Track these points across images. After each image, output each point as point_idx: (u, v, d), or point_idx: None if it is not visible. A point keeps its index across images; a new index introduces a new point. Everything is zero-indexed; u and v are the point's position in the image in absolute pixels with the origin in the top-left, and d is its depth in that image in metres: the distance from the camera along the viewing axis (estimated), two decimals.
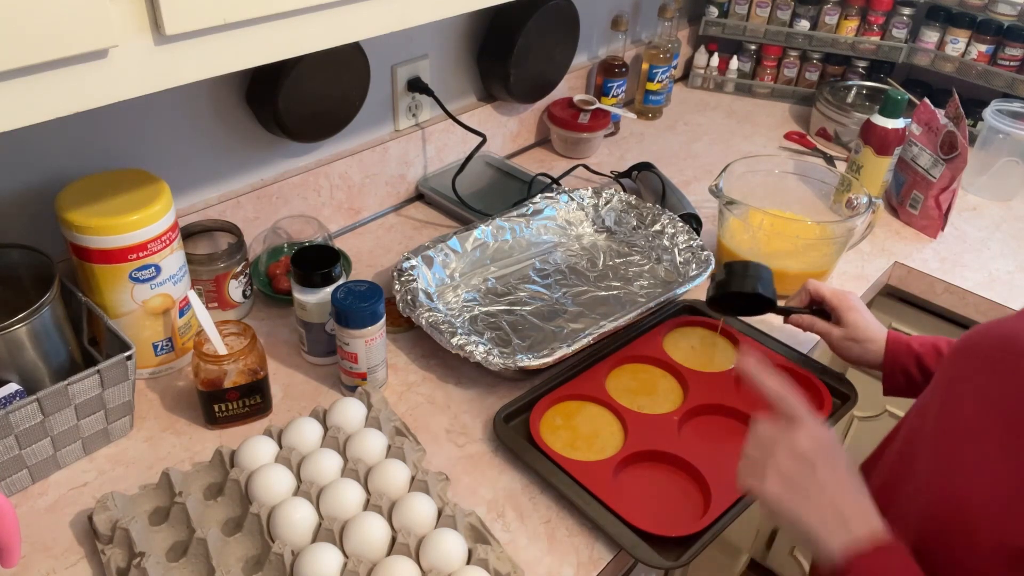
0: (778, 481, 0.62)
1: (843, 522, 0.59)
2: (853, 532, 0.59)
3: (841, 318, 0.94)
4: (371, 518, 0.76)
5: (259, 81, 1.05)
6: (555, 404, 0.94)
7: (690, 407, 0.95)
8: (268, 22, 0.64)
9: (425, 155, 1.35)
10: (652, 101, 1.68)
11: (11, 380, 0.80)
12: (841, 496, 0.61)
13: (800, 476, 0.62)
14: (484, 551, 0.75)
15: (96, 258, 0.85)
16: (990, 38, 1.55)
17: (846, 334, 0.93)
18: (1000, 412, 0.60)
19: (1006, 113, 1.42)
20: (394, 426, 0.90)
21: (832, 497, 0.61)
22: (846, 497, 0.61)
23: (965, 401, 0.64)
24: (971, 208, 1.44)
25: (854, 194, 1.21)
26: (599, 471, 0.85)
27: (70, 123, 0.92)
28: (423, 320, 0.97)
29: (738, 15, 1.75)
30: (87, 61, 0.55)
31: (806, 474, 0.62)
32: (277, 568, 0.73)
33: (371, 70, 1.16)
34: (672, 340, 1.06)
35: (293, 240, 1.13)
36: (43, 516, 0.81)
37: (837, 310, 0.94)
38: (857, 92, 1.68)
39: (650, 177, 1.36)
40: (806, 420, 0.64)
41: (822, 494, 0.61)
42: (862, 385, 1.02)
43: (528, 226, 1.21)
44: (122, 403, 0.86)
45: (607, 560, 0.79)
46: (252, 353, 0.89)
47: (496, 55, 1.35)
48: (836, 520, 0.60)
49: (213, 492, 0.82)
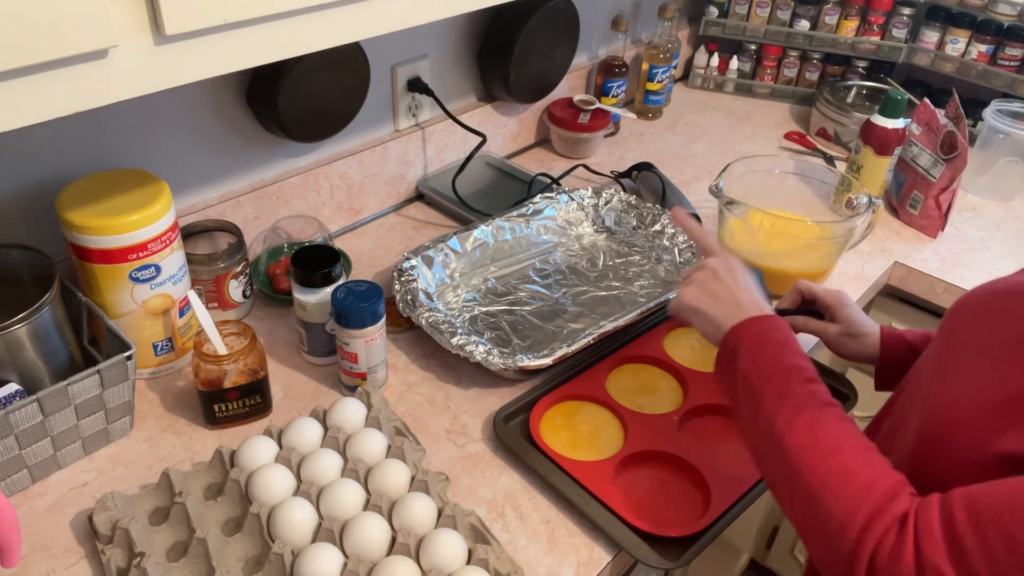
0: (691, 289, 0.81)
1: (739, 309, 0.76)
2: (746, 312, 0.75)
3: (836, 315, 0.94)
4: (371, 518, 0.76)
5: (259, 81, 1.05)
6: (555, 404, 0.94)
7: (690, 407, 0.95)
8: (268, 22, 0.64)
9: (425, 155, 1.35)
10: (652, 101, 1.68)
11: (11, 380, 0.80)
12: (739, 293, 0.78)
13: (707, 282, 0.80)
14: (484, 551, 0.75)
15: (96, 258, 0.85)
16: (990, 38, 1.55)
17: (843, 330, 0.93)
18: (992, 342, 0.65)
19: (1006, 113, 1.42)
20: (394, 426, 0.90)
21: (732, 294, 0.78)
22: (742, 294, 0.78)
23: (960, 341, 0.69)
24: (971, 208, 1.44)
25: (854, 194, 1.21)
26: (599, 471, 0.85)
27: (70, 123, 0.92)
28: (423, 320, 0.97)
29: (738, 15, 1.75)
30: (87, 61, 0.55)
31: (711, 280, 0.80)
32: (277, 568, 0.73)
33: (371, 70, 1.16)
34: (672, 340, 1.06)
35: (293, 240, 1.13)
36: (43, 516, 0.81)
37: (831, 307, 0.95)
38: (857, 92, 1.68)
39: (650, 177, 1.36)
40: (715, 250, 0.85)
41: (725, 293, 0.78)
42: (862, 385, 1.02)
43: (528, 226, 1.21)
44: (122, 403, 0.86)
45: (607, 560, 0.79)
46: (252, 353, 0.89)
47: (496, 55, 1.35)
48: (734, 308, 0.76)
49: (213, 492, 0.82)
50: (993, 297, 0.70)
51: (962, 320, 0.71)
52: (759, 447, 0.68)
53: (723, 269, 0.80)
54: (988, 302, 0.70)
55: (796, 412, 0.66)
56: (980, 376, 0.64)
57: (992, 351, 0.64)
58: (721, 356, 0.75)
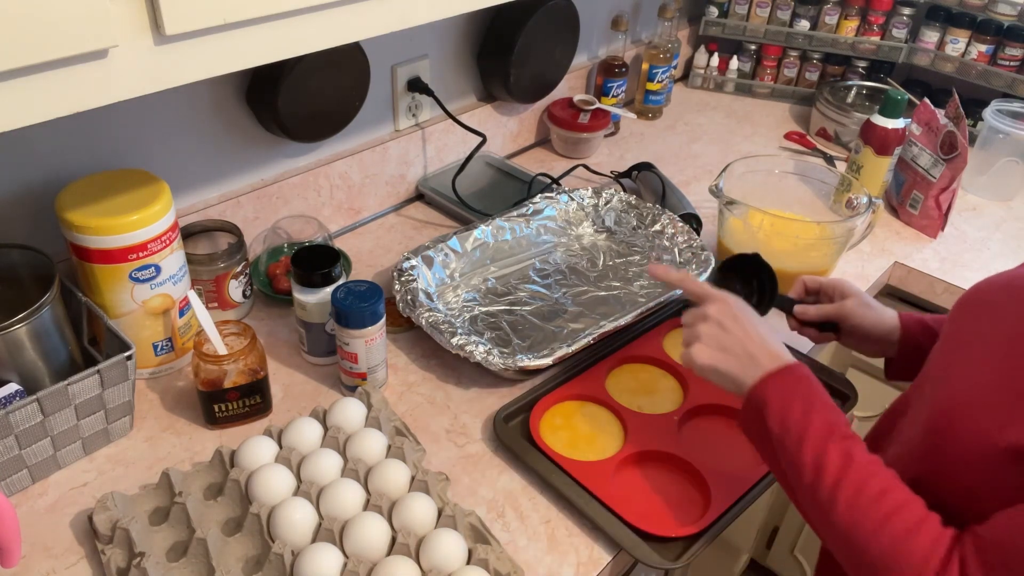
0: (701, 347, 0.76)
1: (754, 362, 0.73)
2: (763, 366, 0.72)
3: (845, 292, 0.94)
4: (371, 518, 0.76)
5: (259, 81, 1.05)
6: (555, 404, 0.94)
7: (690, 407, 0.95)
8: (268, 22, 0.64)
9: (425, 155, 1.35)
10: (652, 101, 1.68)
11: (11, 380, 0.80)
12: (750, 343, 0.74)
13: (715, 337, 0.75)
14: (484, 551, 0.75)
15: (96, 258, 0.85)
16: (990, 38, 1.55)
17: (859, 301, 0.93)
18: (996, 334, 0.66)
19: (1006, 113, 1.42)
20: (394, 426, 0.90)
21: (743, 345, 0.74)
22: (754, 343, 0.74)
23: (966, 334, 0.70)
24: (971, 208, 1.44)
25: (854, 194, 1.21)
26: (599, 471, 0.85)
27: (70, 123, 0.92)
28: (423, 320, 0.97)
29: (738, 15, 1.75)
30: (87, 61, 0.55)
31: (719, 334, 0.75)
32: (277, 568, 0.73)
33: (371, 70, 1.16)
34: (672, 340, 1.06)
35: (293, 240, 1.13)
36: (43, 516, 0.81)
37: (839, 288, 0.95)
38: (857, 92, 1.68)
39: (650, 177, 1.36)
40: (711, 295, 0.79)
41: (736, 345, 0.74)
42: (862, 385, 1.02)
43: (528, 226, 1.21)
44: (122, 403, 0.86)
45: (607, 560, 0.79)
46: (252, 353, 0.89)
47: (496, 55, 1.35)
48: (749, 361, 0.73)
49: (213, 492, 0.82)
50: (997, 289, 0.71)
51: (968, 313, 0.72)
52: (807, 512, 0.68)
53: (726, 318, 0.76)
54: (992, 294, 0.71)
55: (837, 483, 0.64)
56: (987, 369, 0.64)
57: (998, 344, 0.65)
58: (746, 415, 0.73)
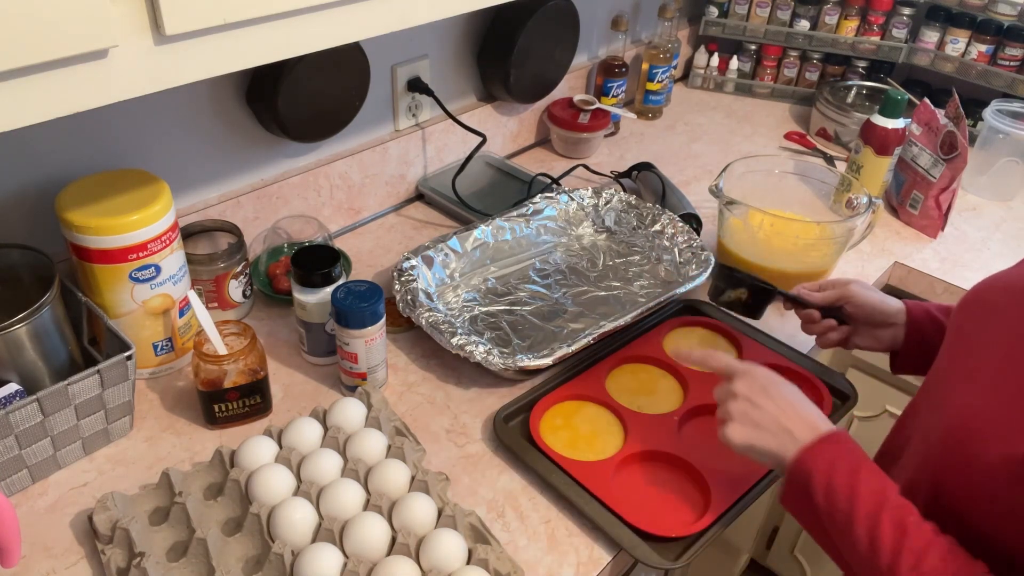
0: (734, 426, 0.74)
1: (791, 436, 0.71)
2: (799, 439, 0.70)
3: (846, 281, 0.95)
4: (371, 518, 0.76)
5: (259, 81, 1.05)
6: (555, 404, 0.94)
7: (690, 407, 0.95)
8: (268, 22, 0.64)
9: (425, 155, 1.35)
10: (652, 101, 1.68)
11: (11, 380, 0.80)
12: (783, 417, 0.72)
13: (747, 414, 0.74)
14: (484, 551, 0.75)
15: (96, 258, 0.85)
16: (990, 38, 1.55)
17: (861, 284, 0.93)
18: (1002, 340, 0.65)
19: (1006, 113, 1.42)
20: (394, 426, 0.90)
21: (777, 420, 0.72)
22: (787, 416, 0.72)
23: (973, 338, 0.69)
24: (971, 208, 1.44)
25: (854, 194, 1.21)
26: (599, 471, 0.85)
27: (70, 123, 0.92)
28: (423, 320, 0.97)
29: (738, 15, 1.75)
30: (87, 61, 0.55)
31: (751, 410, 0.74)
32: (277, 568, 0.73)
33: (371, 70, 1.16)
34: (672, 340, 1.06)
35: (293, 240, 1.13)
36: (43, 516, 0.81)
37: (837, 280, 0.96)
38: (857, 92, 1.68)
39: (650, 177, 1.36)
40: (736, 369, 0.77)
41: (769, 421, 0.72)
42: (862, 385, 1.02)
43: (528, 226, 1.20)
44: (122, 403, 0.86)
45: (607, 560, 0.79)
46: (252, 353, 0.89)
47: (496, 55, 1.35)
48: (785, 436, 0.71)
49: (213, 492, 0.82)
50: (999, 291, 0.70)
51: (971, 316, 0.72)
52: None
53: (755, 393, 0.74)
54: (994, 296, 0.70)
55: (894, 555, 0.62)
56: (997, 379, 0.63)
57: (1004, 350, 0.64)
58: (789, 490, 0.71)
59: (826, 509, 0.66)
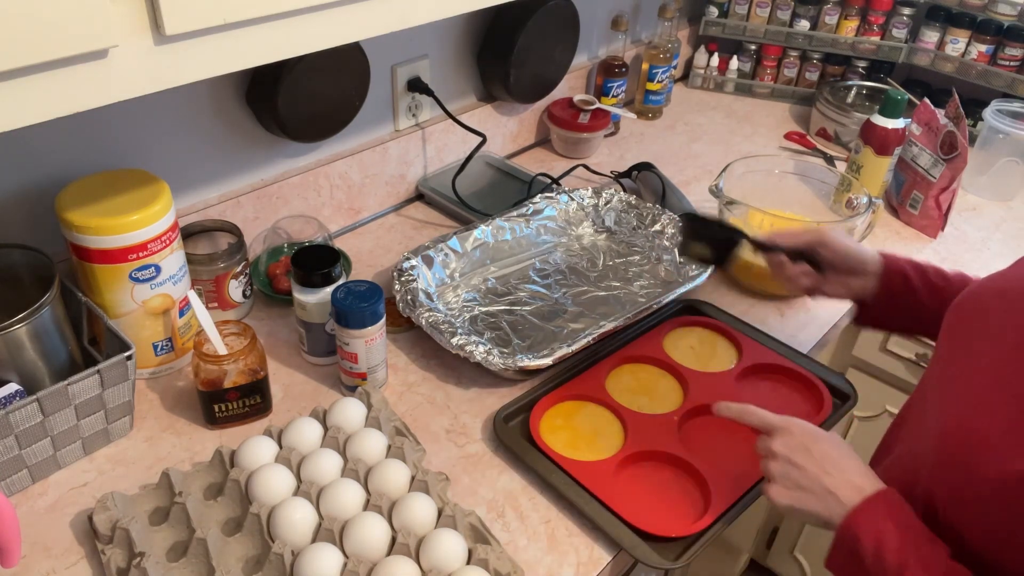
0: (777, 488, 0.73)
1: (836, 499, 0.68)
2: (845, 502, 0.68)
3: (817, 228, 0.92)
4: (371, 518, 0.76)
5: (259, 81, 1.05)
6: (555, 404, 0.94)
7: (690, 407, 0.95)
8: (268, 22, 0.64)
9: (425, 155, 1.35)
10: (652, 101, 1.68)
11: (11, 380, 0.80)
12: (826, 477, 0.70)
13: (789, 475, 0.72)
14: (484, 551, 0.75)
15: (96, 258, 0.85)
16: (990, 38, 1.55)
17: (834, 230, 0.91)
18: (995, 350, 0.65)
19: (1006, 113, 1.42)
20: (394, 426, 0.90)
21: (820, 482, 0.70)
22: (831, 477, 0.70)
23: (966, 345, 0.69)
24: (971, 208, 1.44)
25: (854, 194, 1.21)
26: (599, 471, 0.85)
27: (70, 123, 0.92)
28: (423, 320, 0.97)
29: (738, 15, 1.75)
30: (87, 61, 0.55)
31: (792, 471, 0.72)
32: (277, 568, 0.73)
33: (371, 70, 1.16)
34: (672, 340, 1.06)
35: (293, 240, 1.13)
36: (43, 516, 0.81)
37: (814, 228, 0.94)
38: (857, 92, 1.68)
39: (650, 177, 1.36)
40: (777, 425, 0.76)
41: (812, 483, 0.70)
42: (862, 385, 1.02)
43: (528, 226, 1.21)
44: (122, 403, 0.86)
45: (607, 560, 0.79)
46: (252, 353, 0.89)
47: (496, 55, 1.35)
48: (830, 499, 0.69)
49: (213, 492, 0.82)
50: (992, 296, 0.70)
51: (963, 321, 0.71)
52: None
53: (796, 452, 0.73)
54: (987, 301, 0.70)
55: None
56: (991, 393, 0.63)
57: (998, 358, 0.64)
58: (837, 554, 0.69)
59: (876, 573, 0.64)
